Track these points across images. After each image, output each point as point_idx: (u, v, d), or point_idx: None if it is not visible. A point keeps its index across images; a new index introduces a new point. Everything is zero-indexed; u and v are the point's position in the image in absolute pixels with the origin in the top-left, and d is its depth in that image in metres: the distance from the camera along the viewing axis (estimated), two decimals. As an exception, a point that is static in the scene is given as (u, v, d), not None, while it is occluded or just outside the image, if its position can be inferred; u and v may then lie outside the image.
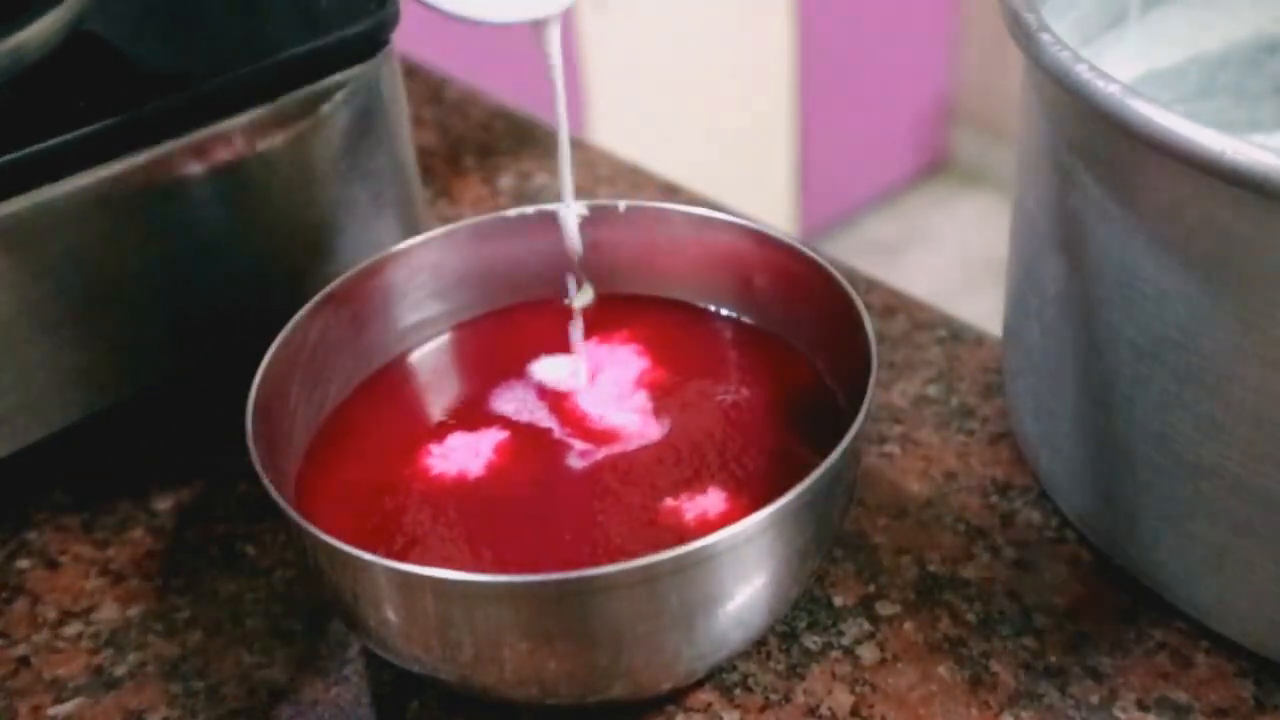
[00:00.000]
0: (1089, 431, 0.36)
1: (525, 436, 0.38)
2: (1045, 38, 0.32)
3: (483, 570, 0.33)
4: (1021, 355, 0.40)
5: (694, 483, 0.36)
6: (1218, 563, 0.34)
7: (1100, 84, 0.30)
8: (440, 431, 0.39)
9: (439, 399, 0.41)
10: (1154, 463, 0.34)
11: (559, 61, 0.39)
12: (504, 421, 0.39)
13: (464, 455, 0.38)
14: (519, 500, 0.36)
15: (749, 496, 0.35)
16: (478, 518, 0.35)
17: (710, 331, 0.42)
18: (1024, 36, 0.33)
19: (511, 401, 0.40)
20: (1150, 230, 0.32)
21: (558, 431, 0.38)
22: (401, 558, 0.34)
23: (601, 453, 0.37)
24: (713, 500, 0.35)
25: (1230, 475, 0.32)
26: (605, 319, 0.42)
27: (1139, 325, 0.33)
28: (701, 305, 0.43)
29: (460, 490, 0.36)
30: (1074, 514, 0.39)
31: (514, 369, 0.41)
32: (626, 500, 0.35)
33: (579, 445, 0.38)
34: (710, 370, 0.40)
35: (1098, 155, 0.33)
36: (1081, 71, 0.31)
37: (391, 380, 0.41)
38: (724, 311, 0.43)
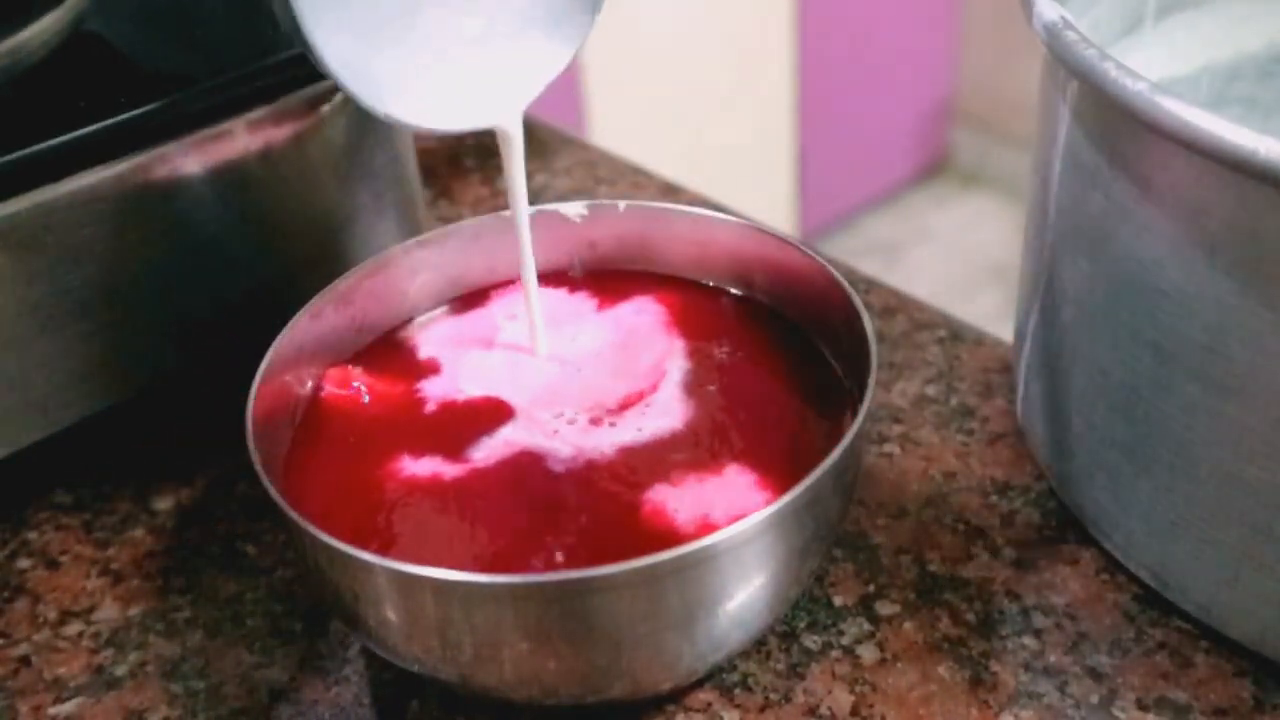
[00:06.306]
0: (1106, 435, 0.36)
1: (527, 435, 0.38)
2: (1071, 36, 0.32)
3: (482, 569, 0.33)
4: (1036, 357, 0.40)
5: (700, 473, 0.35)
6: (1236, 568, 0.33)
7: (1129, 81, 0.30)
8: (441, 430, 0.38)
9: (440, 398, 0.41)
10: (1173, 467, 0.34)
11: (519, 185, 0.38)
12: (505, 419, 0.39)
13: (465, 454, 0.37)
14: (519, 498, 0.36)
15: (748, 495, 0.35)
16: (478, 516, 0.35)
17: (718, 308, 0.42)
18: (1049, 35, 0.33)
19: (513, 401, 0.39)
20: (1176, 231, 0.31)
21: (561, 428, 0.38)
22: (401, 557, 0.34)
23: (600, 449, 0.37)
24: (719, 494, 0.35)
25: (1252, 479, 0.32)
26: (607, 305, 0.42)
27: (1162, 328, 0.32)
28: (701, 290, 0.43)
29: (460, 489, 0.36)
30: (1087, 518, 0.39)
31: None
32: (628, 498, 0.35)
33: (583, 440, 0.37)
34: (715, 362, 0.40)
35: (1123, 154, 0.32)
36: (1109, 69, 0.30)
37: (392, 379, 0.41)
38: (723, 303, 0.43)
